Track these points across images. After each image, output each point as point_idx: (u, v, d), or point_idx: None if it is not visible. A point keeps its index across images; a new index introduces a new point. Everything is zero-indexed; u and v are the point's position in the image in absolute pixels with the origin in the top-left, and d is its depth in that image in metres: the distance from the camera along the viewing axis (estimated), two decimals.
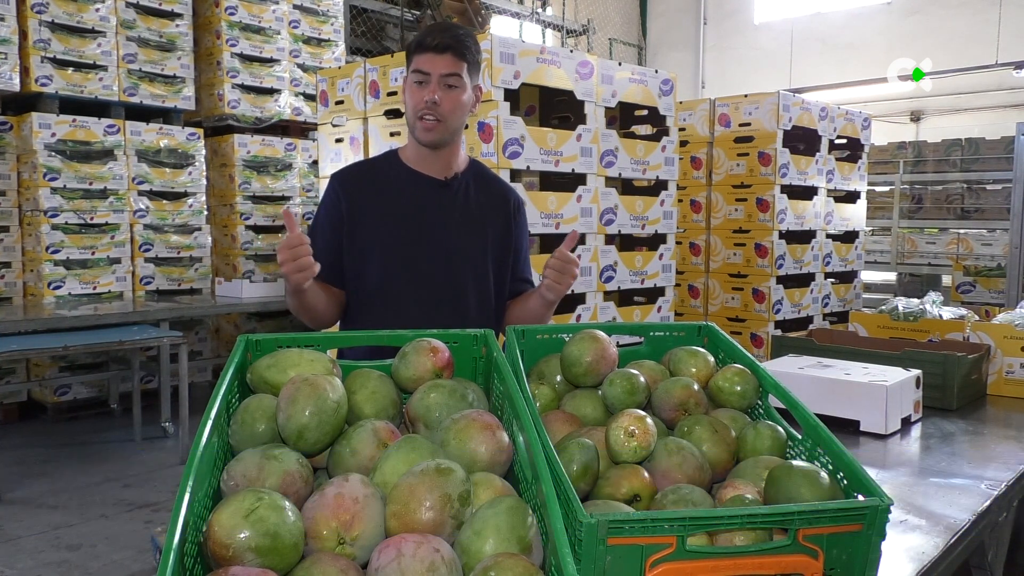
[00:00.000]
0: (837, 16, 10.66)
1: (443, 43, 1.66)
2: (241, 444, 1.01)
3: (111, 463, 4.20)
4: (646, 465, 1.09)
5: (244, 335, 1.18)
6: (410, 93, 1.71)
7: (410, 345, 1.18)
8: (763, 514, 0.90)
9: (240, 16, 5.58)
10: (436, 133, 1.71)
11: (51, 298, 4.78)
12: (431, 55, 1.67)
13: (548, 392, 1.31)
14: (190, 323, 5.58)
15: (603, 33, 11.16)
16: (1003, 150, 7.08)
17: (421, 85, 1.68)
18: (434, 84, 1.67)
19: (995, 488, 1.54)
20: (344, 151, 3.77)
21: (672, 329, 1.46)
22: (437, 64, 1.67)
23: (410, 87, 1.70)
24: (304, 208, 6.04)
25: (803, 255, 4.53)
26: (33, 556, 3.07)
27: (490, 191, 1.87)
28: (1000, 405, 2.25)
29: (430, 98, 1.67)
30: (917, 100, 10.28)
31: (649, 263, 3.79)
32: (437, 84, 1.67)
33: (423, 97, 1.68)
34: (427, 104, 1.68)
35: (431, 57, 1.67)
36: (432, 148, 1.76)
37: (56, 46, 4.75)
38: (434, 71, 1.67)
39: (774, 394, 1.23)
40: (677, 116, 3.88)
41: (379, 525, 0.87)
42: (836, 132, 4.72)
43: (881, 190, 7.99)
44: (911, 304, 2.66)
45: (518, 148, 3.11)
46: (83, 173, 4.87)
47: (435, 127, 1.70)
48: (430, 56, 1.67)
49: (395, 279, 1.75)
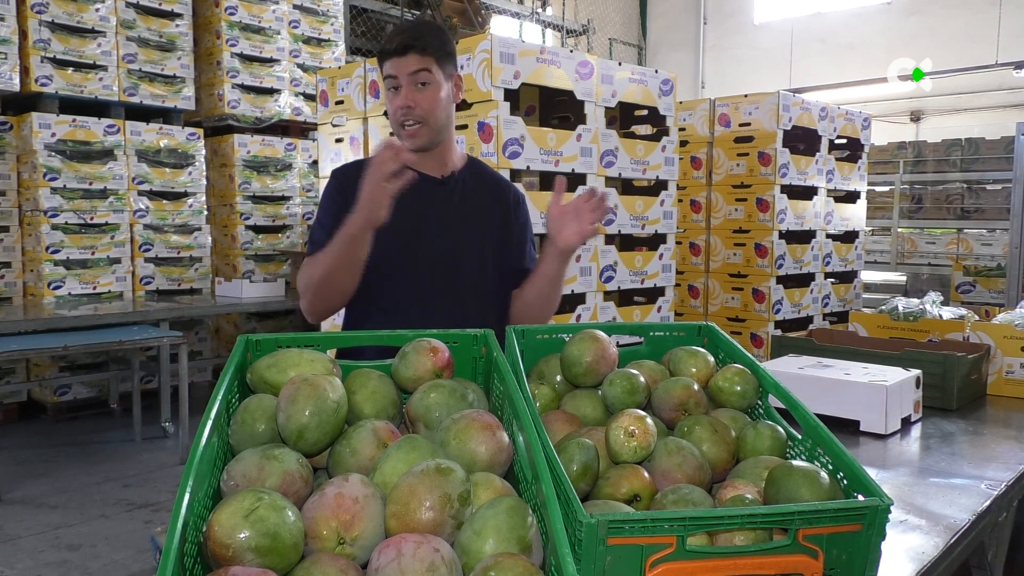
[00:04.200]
0: (837, 16, 10.66)
1: (402, 43, 1.65)
2: (241, 444, 1.01)
3: (111, 463, 4.20)
4: (646, 465, 1.09)
5: (244, 335, 1.17)
6: (388, 102, 1.70)
7: (410, 345, 1.18)
8: (763, 514, 0.90)
9: (240, 16, 5.58)
10: (421, 137, 1.70)
11: (51, 298, 4.78)
12: (395, 59, 1.66)
13: (548, 392, 1.31)
14: (190, 323, 5.58)
15: (603, 33, 11.16)
16: (1003, 150, 7.08)
17: (396, 91, 1.67)
18: (406, 87, 1.66)
19: (995, 488, 1.54)
20: (344, 151, 3.77)
21: (672, 329, 1.46)
22: (402, 66, 1.65)
23: (388, 95, 1.70)
24: (304, 208, 6.04)
25: (803, 255, 4.53)
26: (33, 556, 3.07)
27: (488, 188, 1.86)
28: (1000, 405, 2.25)
29: (403, 103, 1.66)
30: (917, 100, 10.28)
31: (649, 263, 3.79)
32: (409, 86, 1.66)
33: (398, 104, 1.67)
34: (404, 110, 1.67)
35: (395, 61, 1.66)
36: (423, 151, 1.75)
37: (56, 46, 4.75)
38: (401, 73, 1.65)
39: (774, 394, 1.23)
40: (677, 116, 3.87)
41: (379, 525, 0.87)
42: (836, 132, 4.72)
43: (881, 190, 7.99)
44: (911, 304, 2.66)
45: (518, 148, 3.11)
46: (83, 173, 4.87)
47: (418, 131, 1.69)
48: (394, 60, 1.66)
49: (393, 278, 1.75)
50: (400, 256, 1.75)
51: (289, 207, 5.95)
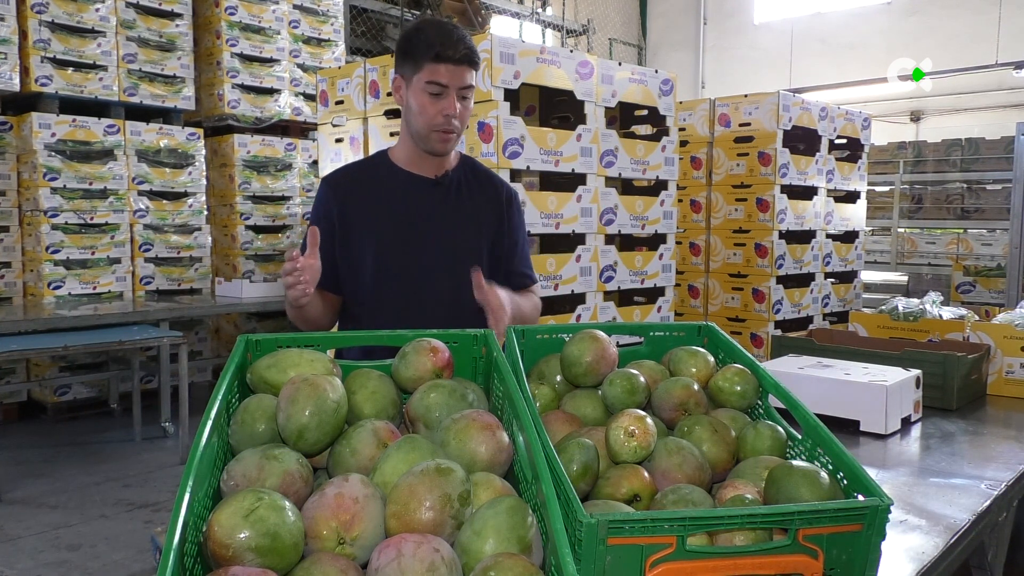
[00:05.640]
0: (837, 16, 10.66)
1: (464, 56, 1.63)
2: (241, 444, 1.01)
3: (111, 463, 4.20)
4: (646, 465, 1.09)
5: (244, 335, 1.17)
6: (425, 102, 1.66)
7: (410, 345, 1.18)
8: (763, 514, 0.90)
9: (240, 16, 5.58)
10: (452, 144, 1.72)
11: (51, 298, 4.78)
12: (450, 66, 1.63)
13: (548, 392, 1.31)
14: (190, 323, 5.58)
15: (603, 33, 11.16)
16: (1003, 150, 7.08)
17: (438, 97, 1.65)
18: (452, 97, 1.65)
19: (995, 488, 1.54)
20: (344, 151, 3.77)
21: (672, 329, 1.46)
22: (455, 76, 1.64)
23: (424, 96, 1.66)
24: (303, 208, 6.04)
25: (803, 255, 4.53)
26: (33, 556, 3.07)
27: (482, 186, 1.86)
28: (1000, 405, 2.25)
29: (451, 112, 1.65)
30: (917, 100, 10.28)
31: (649, 263, 3.79)
32: (454, 96, 1.65)
33: (441, 110, 1.65)
34: (446, 118, 1.66)
35: (450, 69, 1.63)
36: (443, 156, 1.76)
37: (56, 46, 4.75)
38: (452, 84, 1.64)
39: (774, 394, 1.23)
40: (677, 116, 3.88)
41: (379, 525, 0.87)
42: (836, 132, 4.72)
43: (881, 190, 7.99)
44: (911, 304, 2.65)
45: (518, 148, 3.11)
46: (83, 173, 4.87)
47: (451, 139, 1.70)
48: (449, 68, 1.63)
49: (390, 280, 1.75)
50: (398, 257, 1.75)
51: (289, 207, 5.95)
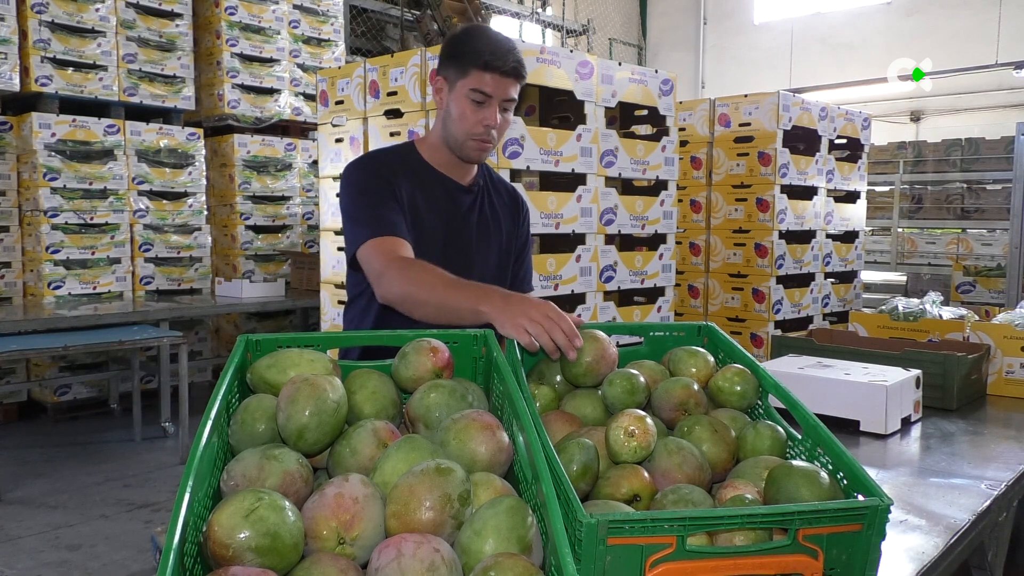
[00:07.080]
0: (837, 16, 10.66)
1: (510, 67, 1.63)
2: (241, 444, 1.01)
3: (111, 463, 4.20)
4: (646, 465, 1.09)
5: (244, 335, 1.17)
6: (467, 109, 1.65)
7: (410, 345, 1.18)
8: (763, 514, 0.90)
9: (240, 16, 5.58)
10: (486, 154, 1.73)
11: (51, 298, 4.78)
12: (496, 77, 1.62)
13: (548, 392, 1.31)
14: (190, 323, 5.59)
15: (603, 33, 11.16)
16: (1003, 150, 7.08)
17: (480, 106, 1.65)
18: (495, 107, 1.65)
19: (995, 488, 1.54)
20: (344, 151, 3.77)
21: (672, 329, 1.46)
22: (500, 88, 1.64)
23: (467, 103, 1.65)
24: (304, 208, 6.04)
25: (803, 255, 4.53)
26: (33, 556, 3.07)
27: (502, 197, 1.89)
28: (1000, 405, 2.25)
29: (491, 123, 1.65)
30: (917, 100, 10.29)
31: (649, 263, 3.79)
32: (497, 107, 1.65)
33: (482, 119, 1.65)
34: (487, 128, 1.66)
35: (496, 79, 1.63)
36: (475, 163, 1.76)
37: (56, 46, 4.75)
38: (497, 95, 1.64)
39: (774, 394, 1.23)
40: (677, 116, 3.88)
41: (379, 525, 0.87)
42: (836, 132, 4.72)
43: (881, 190, 8.00)
44: (911, 304, 2.65)
45: (518, 148, 3.11)
46: (83, 173, 4.87)
47: (488, 148, 1.71)
48: (495, 78, 1.62)
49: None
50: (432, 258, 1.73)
51: (289, 207, 5.96)
